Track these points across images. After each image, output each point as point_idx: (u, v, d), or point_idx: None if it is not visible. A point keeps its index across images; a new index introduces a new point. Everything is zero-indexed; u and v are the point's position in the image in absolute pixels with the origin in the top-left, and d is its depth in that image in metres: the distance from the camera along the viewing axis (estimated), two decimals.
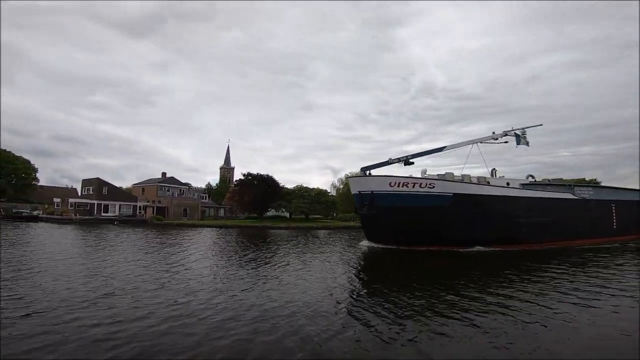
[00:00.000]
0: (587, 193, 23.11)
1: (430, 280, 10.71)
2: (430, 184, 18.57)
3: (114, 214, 51.21)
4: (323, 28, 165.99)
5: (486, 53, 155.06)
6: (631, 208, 25.02)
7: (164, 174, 65.53)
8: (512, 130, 22.34)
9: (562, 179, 26.55)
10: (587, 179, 61.42)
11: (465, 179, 20.25)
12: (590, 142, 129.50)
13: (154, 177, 66.83)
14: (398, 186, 18.76)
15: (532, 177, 23.57)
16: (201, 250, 17.51)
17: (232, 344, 5.18)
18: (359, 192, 19.81)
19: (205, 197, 72.24)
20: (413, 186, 18.64)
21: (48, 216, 48.33)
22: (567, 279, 10.71)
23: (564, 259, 15.11)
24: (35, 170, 69.97)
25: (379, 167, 20.66)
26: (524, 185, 21.88)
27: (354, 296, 8.71)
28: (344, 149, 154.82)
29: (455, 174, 21.14)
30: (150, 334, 5.44)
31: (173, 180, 64.06)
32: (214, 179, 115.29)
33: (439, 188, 18.57)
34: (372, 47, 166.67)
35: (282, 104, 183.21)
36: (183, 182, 66.96)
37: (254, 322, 6.16)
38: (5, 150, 66.00)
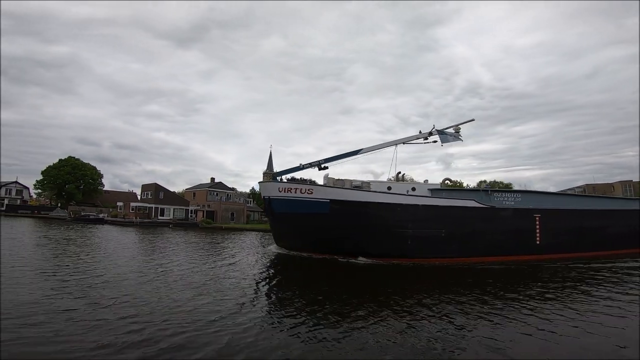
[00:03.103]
0: (510, 200, 18.99)
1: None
2: (308, 190, 18.11)
3: (169, 217, 54.42)
4: (361, 31, 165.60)
5: (538, 49, 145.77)
6: (566, 218, 19.37)
7: (212, 179, 68.58)
8: (434, 129, 19.64)
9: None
10: None
11: (346, 184, 18.97)
12: None
13: (203, 182, 70.25)
14: (285, 192, 18.60)
15: (450, 180, 20.38)
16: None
17: None
18: (263, 197, 20.38)
19: (250, 201, 74.56)
20: (295, 192, 18.32)
21: (112, 219, 52.44)
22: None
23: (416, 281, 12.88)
24: (101, 176, 76.58)
25: (290, 172, 20.28)
26: (433, 192, 18.90)
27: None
28: (384, 153, 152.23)
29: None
30: None
31: (221, 185, 66.85)
32: (257, 183, 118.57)
33: (317, 194, 17.89)
34: (413, 49, 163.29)
35: (322, 109, 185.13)
36: (229, 187, 69.72)
37: None
38: (74, 157, 72.95)
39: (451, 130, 19.48)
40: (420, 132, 20.10)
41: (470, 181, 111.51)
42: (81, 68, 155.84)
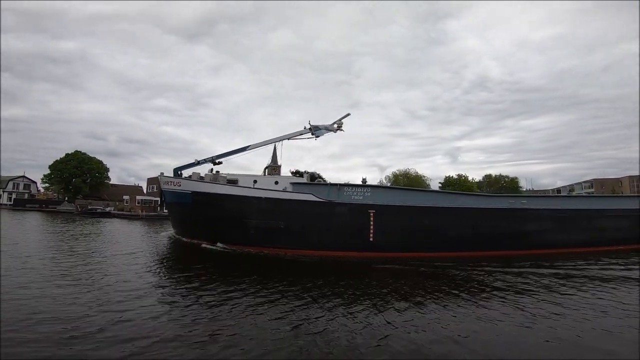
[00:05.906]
0: (359, 195, 18.35)
1: None
2: (177, 183, 20.57)
3: None
4: (371, 24, 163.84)
5: (552, 43, 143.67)
6: (401, 215, 18.29)
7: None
8: (310, 125, 21.40)
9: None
10: None
11: (206, 178, 20.71)
12: None
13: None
14: (167, 185, 21.24)
15: (320, 177, 20.93)
16: None
17: None
18: (160, 189, 23.19)
19: None
20: (171, 185, 20.93)
21: (119, 212, 52.98)
22: None
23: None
24: (107, 169, 77.08)
25: (189, 167, 21.67)
26: (294, 185, 19.07)
27: None
28: (392, 147, 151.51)
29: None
30: None
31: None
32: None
33: (184, 187, 20.24)
34: (424, 41, 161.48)
35: (331, 103, 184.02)
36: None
37: None
38: (80, 152, 73.42)
39: (335, 126, 21.59)
40: (305, 127, 21.66)
41: (476, 175, 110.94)
42: (90, 64, 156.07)
